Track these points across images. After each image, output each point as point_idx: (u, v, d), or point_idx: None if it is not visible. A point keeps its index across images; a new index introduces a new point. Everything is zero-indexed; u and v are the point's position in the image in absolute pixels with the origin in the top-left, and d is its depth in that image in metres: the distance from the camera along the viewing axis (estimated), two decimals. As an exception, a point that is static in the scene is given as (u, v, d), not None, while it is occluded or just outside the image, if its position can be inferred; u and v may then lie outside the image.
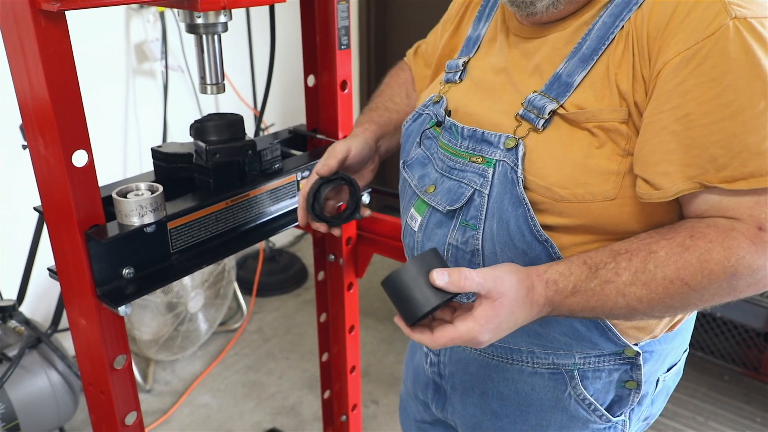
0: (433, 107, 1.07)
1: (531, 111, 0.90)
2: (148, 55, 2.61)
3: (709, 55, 0.77)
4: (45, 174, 0.98)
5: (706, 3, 0.79)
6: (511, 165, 0.90)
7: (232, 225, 1.22)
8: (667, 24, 0.80)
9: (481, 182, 0.93)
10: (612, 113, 0.84)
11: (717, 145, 0.78)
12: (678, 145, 0.79)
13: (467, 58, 1.08)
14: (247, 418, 2.46)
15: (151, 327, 2.47)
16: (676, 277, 0.79)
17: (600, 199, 0.85)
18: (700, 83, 0.78)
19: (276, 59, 1.55)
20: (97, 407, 1.16)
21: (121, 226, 1.05)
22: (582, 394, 1.00)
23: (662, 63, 0.80)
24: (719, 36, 0.77)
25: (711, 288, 0.79)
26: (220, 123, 1.20)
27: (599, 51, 0.87)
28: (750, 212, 0.78)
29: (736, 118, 0.77)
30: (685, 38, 0.78)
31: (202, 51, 1.14)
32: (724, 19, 0.77)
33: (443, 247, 0.99)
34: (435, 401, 1.18)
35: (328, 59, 1.40)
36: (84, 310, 1.07)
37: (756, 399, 2.51)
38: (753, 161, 0.77)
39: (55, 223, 1.03)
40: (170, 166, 1.24)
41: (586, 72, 0.87)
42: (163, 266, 1.13)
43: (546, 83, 0.91)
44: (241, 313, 3.06)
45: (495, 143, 0.93)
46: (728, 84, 0.77)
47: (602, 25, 0.87)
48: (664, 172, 0.81)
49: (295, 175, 1.32)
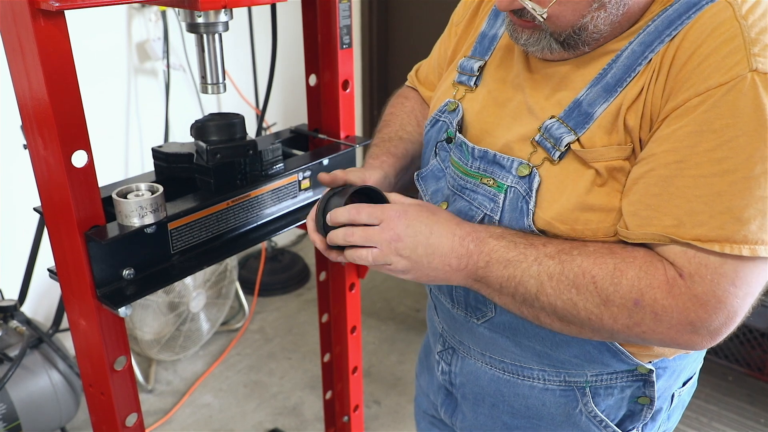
0: (449, 115, 1.04)
1: (547, 140, 0.87)
2: (149, 54, 2.60)
3: (716, 104, 0.73)
4: (44, 174, 0.97)
5: (729, 48, 0.74)
6: (523, 194, 0.88)
7: (233, 225, 1.22)
8: (684, 64, 0.77)
9: (491, 207, 0.92)
10: (618, 151, 0.82)
11: (699, 200, 0.75)
12: (661, 191, 0.77)
13: (483, 62, 1.03)
14: (249, 419, 2.45)
15: (152, 327, 2.46)
16: (588, 272, 0.79)
17: (600, 235, 0.84)
18: (699, 131, 0.74)
19: (278, 58, 1.54)
20: (97, 409, 1.16)
21: (121, 226, 1.04)
22: (593, 411, 0.98)
23: (671, 108, 0.77)
24: (732, 86, 0.73)
25: (613, 302, 0.78)
26: (221, 123, 1.20)
27: (624, 82, 0.82)
28: (675, 259, 0.77)
29: (726, 177, 0.73)
30: (698, 84, 0.75)
31: (202, 50, 1.13)
32: (742, 70, 0.72)
33: None
34: (445, 406, 1.18)
35: (330, 58, 1.39)
36: (84, 312, 1.06)
37: (760, 400, 2.49)
38: (731, 226, 0.73)
39: (54, 224, 1.02)
40: (171, 166, 1.23)
41: (608, 104, 0.83)
42: (164, 267, 1.12)
43: (565, 109, 0.87)
44: (243, 313, 3.06)
45: (507, 167, 0.91)
46: (728, 139, 0.73)
47: (631, 53, 0.83)
48: (634, 212, 0.80)
49: (297, 175, 1.31)
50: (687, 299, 0.75)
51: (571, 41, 0.85)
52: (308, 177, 1.34)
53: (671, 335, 0.78)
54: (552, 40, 0.85)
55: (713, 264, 0.74)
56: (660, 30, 0.81)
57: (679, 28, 0.79)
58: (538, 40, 0.86)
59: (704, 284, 0.75)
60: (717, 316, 0.75)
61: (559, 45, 0.86)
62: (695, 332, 0.76)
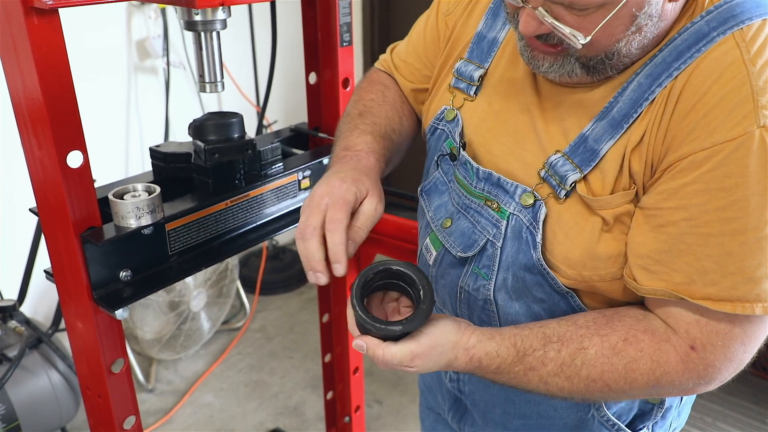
0: (449, 125, 1.00)
1: (553, 176, 0.84)
2: (149, 52, 2.59)
3: (724, 162, 0.70)
4: (39, 175, 0.96)
5: (736, 100, 0.70)
6: (527, 224, 0.86)
7: (232, 226, 1.20)
8: (689, 112, 0.73)
9: (494, 233, 0.90)
10: (624, 197, 0.79)
11: (710, 260, 0.73)
12: (671, 248, 0.76)
13: (483, 71, 0.97)
14: (250, 418, 2.44)
15: (153, 326, 2.45)
16: (600, 379, 0.80)
17: (608, 279, 0.83)
18: (708, 189, 0.72)
19: (279, 55, 1.53)
20: (95, 411, 1.15)
21: (117, 228, 1.03)
22: (606, 415, 0.97)
23: (674, 159, 0.74)
24: (740, 143, 0.70)
25: (631, 392, 0.81)
26: (219, 122, 1.18)
27: (630, 119, 0.78)
28: (687, 328, 0.77)
29: (736, 237, 0.72)
30: (704, 137, 0.72)
31: (200, 48, 1.12)
32: (750, 125, 0.69)
33: (456, 289, 0.98)
34: (452, 412, 1.15)
35: (330, 56, 1.38)
36: (80, 314, 1.05)
37: (765, 399, 2.48)
38: (744, 286, 0.72)
39: (50, 225, 1.01)
40: (169, 166, 1.22)
41: (614, 141, 0.79)
42: (162, 268, 1.11)
43: (570, 144, 0.83)
44: (244, 312, 3.05)
45: (510, 192, 0.88)
46: (738, 198, 0.71)
47: (637, 86, 0.78)
48: (643, 266, 0.78)
49: (296, 174, 1.30)
50: (702, 368, 0.78)
51: (599, 66, 0.79)
52: (308, 176, 1.32)
53: (687, 392, 0.82)
54: (577, 65, 0.79)
55: (724, 330, 0.75)
56: (668, 62, 0.76)
57: (688, 61, 0.75)
58: (561, 66, 0.80)
59: (716, 351, 0.76)
60: (728, 371, 0.78)
61: (584, 69, 0.79)
62: (709, 384, 0.80)
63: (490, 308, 0.94)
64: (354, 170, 0.90)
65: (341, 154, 0.97)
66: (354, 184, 0.85)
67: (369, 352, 0.80)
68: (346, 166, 0.92)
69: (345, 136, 1.01)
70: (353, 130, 1.02)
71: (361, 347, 0.81)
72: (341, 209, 0.82)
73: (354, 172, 0.89)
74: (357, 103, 1.10)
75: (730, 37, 0.73)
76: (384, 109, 1.08)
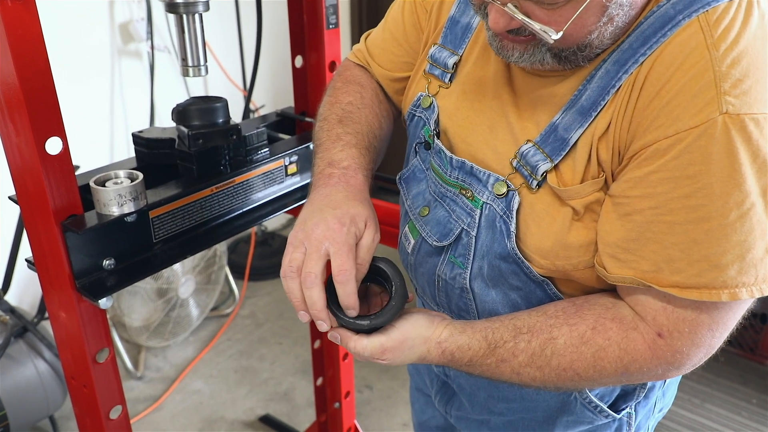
0: (425, 112, 0.99)
1: (524, 166, 0.83)
2: (133, 36, 2.54)
3: (687, 150, 0.70)
4: (18, 162, 0.94)
5: (698, 86, 0.69)
6: (500, 213, 0.86)
7: (217, 213, 1.18)
8: (652, 100, 0.73)
9: (468, 222, 0.90)
10: (593, 185, 0.79)
11: (676, 248, 0.73)
12: (638, 236, 0.75)
13: (458, 57, 0.96)
14: (240, 405, 2.44)
15: (141, 313, 2.43)
16: (569, 368, 0.81)
17: (581, 267, 0.83)
18: (672, 178, 0.71)
19: (265, 38, 1.50)
20: (80, 401, 1.13)
21: (99, 215, 1.01)
22: (588, 397, 0.97)
23: (639, 146, 0.74)
24: (703, 131, 0.69)
25: (601, 380, 0.82)
26: (203, 107, 1.16)
27: (598, 106, 0.77)
28: (654, 316, 0.78)
29: (701, 225, 0.71)
30: (667, 124, 0.71)
31: (182, 31, 1.09)
32: (712, 112, 0.68)
33: (433, 277, 0.98)
34: (440, 395, 1.16)
35: (316, 39, 1.36)
36: (63, 304, 1.03)
37: (752, 380, 2.50)
38: (709, 273, 0.72)
39: (30, 214, 0.99)
40: (152, 152, 1.20)
41: (584, 129, 0.79)
42: (146, 257, 1.09)
43: (541, 133, 0.83)
44: (234, 298, 3.03)
45: (483, 181, 0.88)
46: (702, 186, 0.70)
47: (605, 73, 0.77)
48: (612, 254, 0.78)
49: (283, 160, 1.28)
50: (669, 354, 0.78)
51: (571, 57, 0.78)
52: (295, 162, 1.30)
53: (657, 377, 0.84)
54: (547, 54, 0.78)
55: (690, 317, 0.76)
56: (635, 48, 0.75)
57: (654, 47, 0.74)
58: (531, 55, 0.78)
59: (683, 338, 0.77)
60: (697, 356, 0.79)
61: (555, 59, 0.78)
62: (678, 370, 0.81)
63: (467, 296, 0.94)
64: (347, 201, 0.86)
65: (327, 172, 0.92)
66: (353, 224, 0.82)
67: (342, 343, 0.85)
68: (337, 193, 0.88)
69: (327, 148, 0.97)
70: (336, 142, 0.97)
71: (335, 338, 0.85)
72: (348, 257, 0.79)
73: (348, 205, 0.84)
74: (334, 107, 1.04)
75: (695, 21, 0.72)
76: (364, 113, 1.03)
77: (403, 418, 2.38)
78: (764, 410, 2.36)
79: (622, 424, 1.02)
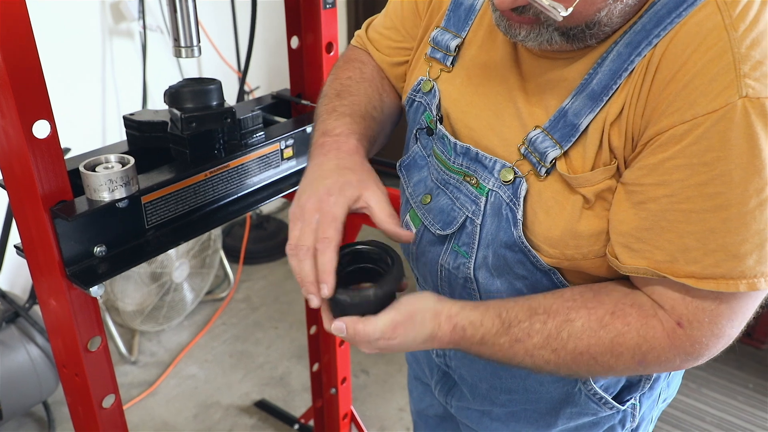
0: (426, 96, 0.96)
1: (533, 153, 0.81)
2: (124, 15, 2.49)
3: (705, 135, 0.67)
4: (4, 146, 0.91)
5: (717, 69, 0.66)
6: (507, 201, 0.83)
7: (211, 198, 1.15)
8: (668, 83, 0.70)
9: (473, 209, 0.87)
10: (605, 173, 0.76)
11: (692, 237, 0.70)
12: (652, 225, 0.73)
13: (460, 40, 0.93)
14: (235, 389, 2.42)
15: (134, 298, 2.41)
16: (586, 352, 0.78)
17: (591, 257, 0.80)
18: (689, 164, 0.69)
19: (260, 18, 1.47)
20: (72, 390, 1.11)
21: (90, 201, 0.98)
22: (593, 389, 0.96)
23: (654, 132, 0.71)
24: (722, 115, 0.66)
25: (618, 366, 0.80)
26: (197, 89, 1.13)
27: (610, 90, 0.75)
28: (673, 304, 0.75)
29: (718, 213, 0.69)
30: (684, 109, 0.68)
31: (174, 11, 1.06)
32: (731, 96, 0.65)
33: (436, 267, 0.95)
34: (440, 386, 1.14)
35: (313, 19, 1.32)
36: (54, 291, 1.01)
37: (748, 365, 2.50)
38: (727, 263, 0.70)
39: (18, 200, 0.96)
40: (144, 135, 1.17)
41: (594, 114, 0.76)
42: (139, 243, 1.06)
43: (550, 119, 0.80)
44: (228, 282, 3.01)
45: (489, 168, 0.85)
46: (720, 173, 0.67)
47: (617, 56, 0.75)
48: (625, 244, 0.76)
49: (279, 143, 1.25)
50: (688, 344, 0.76)
51: (579, 35, 0.75)
52: (291, 146, 1.27)
53: (674, 368, 0.81)
54: (555, 33, 0.75)
55: (709, 307, 0.74)
56: (648, 29, 0.72)
57: (668, 28, 0.71)
58: (539, 34, 0.76)
59: (702, 328, 0.75)
60: (716, 347, 0.77)
61: (563, 38, 0.75)
62: (696, 360, 0.79)
63: (471, 286, 0.91)
64: (338, 169, 0.84)
65: (320, 141, 0.91)
66: (341, 193, 0.80)
67: (349, 330, 0.78)
68: (328, 162, 0.86)
69: (323, 119, 0.95)
70: (331, 113, 0.96)
71: (340, 329, 0.78)
72: (330, 226, 0.78)
73: (338, 173, 0.83)
74: (333, 83, 1.03)
75: (712, 0, 0.69)
76: (363, 86, 1.02)
77: (399, 403, 2.37)
78: (761, 395, 2.36)
79: (626, 415, 1.00)
